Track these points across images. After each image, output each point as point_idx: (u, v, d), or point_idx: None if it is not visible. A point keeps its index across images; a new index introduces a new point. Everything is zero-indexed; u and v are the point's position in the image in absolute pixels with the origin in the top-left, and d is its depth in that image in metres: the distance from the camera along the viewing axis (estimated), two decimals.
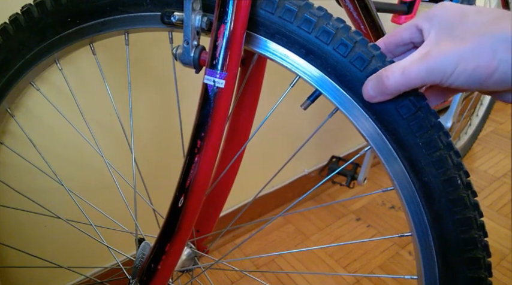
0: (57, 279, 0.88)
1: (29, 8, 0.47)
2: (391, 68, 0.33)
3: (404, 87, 0.33)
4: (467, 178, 0.36)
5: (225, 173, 0.61)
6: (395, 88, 0.33)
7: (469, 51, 0.30)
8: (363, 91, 0.36)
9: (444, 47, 0.31)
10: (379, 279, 1.06)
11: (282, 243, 1.18)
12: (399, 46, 0.38)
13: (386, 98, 0.35)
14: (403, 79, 0.32)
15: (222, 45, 0.37)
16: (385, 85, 0.33)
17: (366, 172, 1.05)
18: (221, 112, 0.40)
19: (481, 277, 0.37)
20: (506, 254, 1.15)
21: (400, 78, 0.32)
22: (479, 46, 0.29)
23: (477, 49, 0.29)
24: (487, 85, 0.30)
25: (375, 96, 0.35)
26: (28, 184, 0.74)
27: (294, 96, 0.59)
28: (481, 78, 0.30)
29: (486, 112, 1.59)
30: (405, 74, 0.32)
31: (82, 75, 0.71)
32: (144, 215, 0.73)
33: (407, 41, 0.37)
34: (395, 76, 0.32)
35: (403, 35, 0.37)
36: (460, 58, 0.30)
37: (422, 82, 0.32)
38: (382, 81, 0.33)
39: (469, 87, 0.31)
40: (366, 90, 0.35)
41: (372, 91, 0.35)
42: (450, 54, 0.30)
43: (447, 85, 0.31)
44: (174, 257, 0.47)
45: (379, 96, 0.35)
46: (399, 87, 0.33)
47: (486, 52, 0.29)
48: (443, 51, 0.31)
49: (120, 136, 0.79)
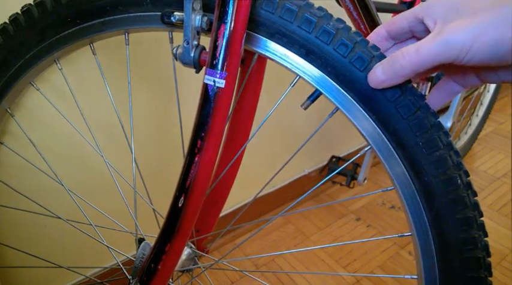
0: (57, 279, 0.88)
1: (29, 8, 0.47)
2: (405, 48, 0.32)
3: (419, 66, 0.32)
4: (467, 178, 0.36)
5: (225, 173, 0.61)
6: (411, 68, 0.32)
7: (488, 22, 0.28)
8: (370, 78, 0.35)
9: (459, 23, 0.30)
10: (379, 279, 1.06)
11: (282, 243, 1.18)
12: (399, 34, 0.38)
13: (398, 81, 0.34)
14: (418, 57, 0.31)
15: (222, 45, 0.37)
16: (401, 64, 0.32)
17: (366, 172, 1.05)
18: (221, 112, 0.40)
19: (480, 277, 0.37)
20: (506, 254, 1.15)
21: (415, 55, 0.31)
22: (500, 16, 0.28)
23: (497, 20, 0.28)
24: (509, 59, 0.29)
25: (384, 80, 0.34)
26: (28, 184, 0.74)
27: (294, 96, 0.59)
28: (503, 50, 0.28)
29: (486, 112, 1.59)
30: (420, 51, 0.31)
31: (82, 75, 0.71)
32: (144, 215, 0.73)
33: (406, 29, 0.37)
34: (410, 53, 0.32)
35: (402, 23, 0.36)
36: (479, 32, 0.28)
37: (438, 60, 0.31)
38: (397, 60, 0.33)
39: (490, 62, 0.30)
40: (375, 75, 0.34)
41: (383, 75, 0.34)
42: (468, 28, 0.29)
43: (464, 63, 0.30)
44: (174, 257, 0.47)
45: (390, 79, 0.34)
46: (414, 66, 0.32)
47: (508, 22, 0.28)
48: (460, 26, 0.29)
49: (120, 136, 0.79)
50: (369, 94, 0.36)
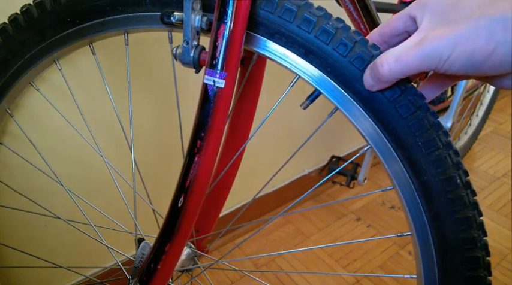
0: (57, 279, 0.88)
1: (29, 8, 0.47)
2: (385, 56, 0.33)
3: (399, 74, 0.32)
4: (467, 177, 0.36)
5: (225, 173, 0.61)
6: (391, 76, 0.33)
7: (466, 34, 0.29)
8: (364, 80, 0.36)
9: (439, 32, 0.30)
10: (379, 279, 1.06)
11: (282, 243, 1.18)
12: (394, 36, 0.38)
13: (384, 86, 0.34)
14: (398, 66, 0.32)
15: (222, 45, 0.37)
16: (380, 73, 0.33)
17: (366, 172, 1.05)
18: (221, 112, 0.40)
19: (480, 276, 0.37)
20: (506, 254, 1.15)
21: (394, 65, 0.32)
22: (476, 28, 0.29)
23: (474, 31, 0.29)
24: (485, 70, 0.29)
25: (373, 84, 0.35)
26: (28, 184, 0.74)
27: (294, 96, 0.59)
28: (478, 61, 0.29)
29: (486, 112, 1.59)
30: (400, 61, 0.32)
31: (81, 75, 0.71)
32: (144, 215, 0.73)
33: (401, 31, 0.37)
34: (389, 63, 0.32)
35: (397, 25, 0.37)
36: (456, 42, 0.29)
37: (417, 69, 0.31)
38: (377, 69, 0.33)
39: (466, 72, 0.30)
40: (366, 79, 0.35)
41: (371, 80, 0.35)
42: (446, 38, 0.30)
43: (443, 71, 0.31)
44: (174, 257, 0.47)
45: (377, 84, 0.34)
46: (394, 75, 0.32)
47: (483, 34, 0.28)
48: (439, 36, 0.30)
49: (119, 136, 0.79)
50: (368, 94, 0.36)
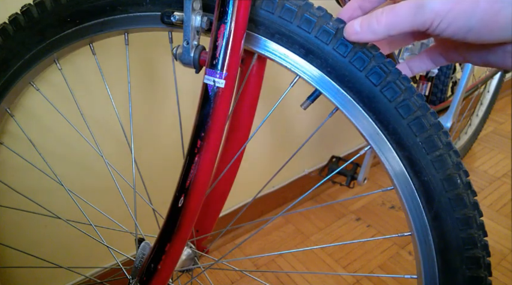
0: (57, 279, 0.88)
1: (29, 7, 0.47)
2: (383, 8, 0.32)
3: (393, 26, 0.31)
4: (467, 177, 0.36)
5: (225, 173, 0.61)
6: (385, 26, 0.31)
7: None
8: (346, 28, 0.34)
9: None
10: (379, 279, 1.06)
11: (282, 243, 1.18)
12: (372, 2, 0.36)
13: (370, 37, 0.33)
14: (393, 16, 0.30)
15: (222, 45, 0.37)
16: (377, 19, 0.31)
17: (366, 172, 1.05)
18: (221, 112, 0.40)
19: (480, 276, 0.37)
20: (506, 254, 1.15)
21: (390, 13, 0.31)
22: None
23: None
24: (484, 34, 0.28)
25: (358, 32, 0.33)
26: (28, 184, 0.74)
27: (294, 96, 0.59)
28: (479, 23, 0.27)
29: (486, 112, 1.59)
30: (395, 10, 0.30)
31: (82, 75, 0.71)
32: (144, 215, 0.73)
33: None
34: (386, 10, 0.31)
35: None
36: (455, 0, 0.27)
37: (411, 23, 0.30)
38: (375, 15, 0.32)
39: (464, 36, 0.28)
40: (351, 26, 0.34)
41: (359, 27, 0.33)
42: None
43: (438, 32, 0.29)
44: (174, 257, 0.47)
45: (363, 33, 0.33)
46: (388, 25, 0.31)
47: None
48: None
49: (120, 136, 0.79)
50: (369, 94, 0.36)
